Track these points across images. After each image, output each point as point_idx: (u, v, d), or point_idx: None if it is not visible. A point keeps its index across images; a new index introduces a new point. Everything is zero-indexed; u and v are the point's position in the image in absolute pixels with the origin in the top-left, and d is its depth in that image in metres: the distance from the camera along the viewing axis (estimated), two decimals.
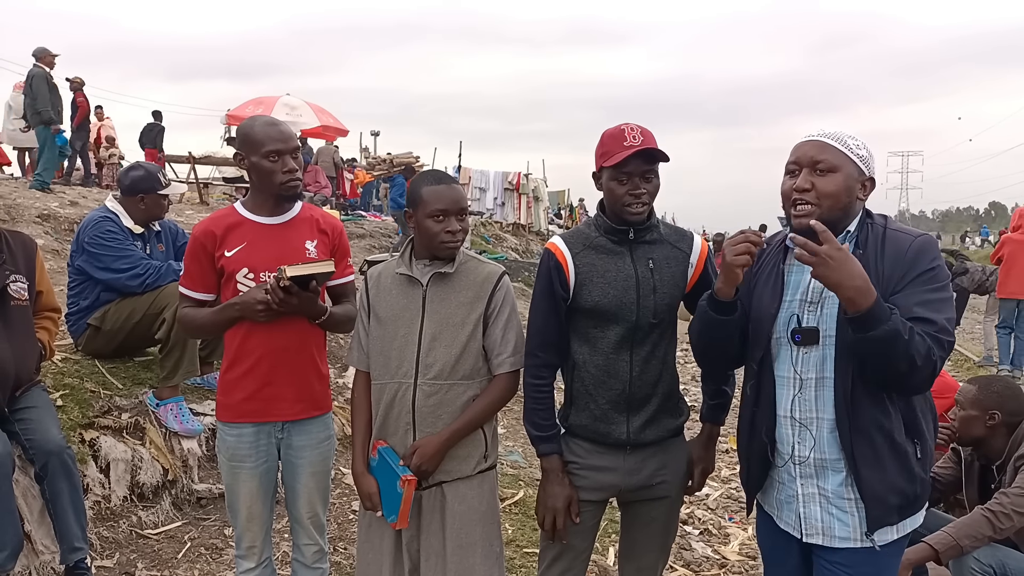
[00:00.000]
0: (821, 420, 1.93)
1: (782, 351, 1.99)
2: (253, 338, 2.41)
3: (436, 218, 2.20)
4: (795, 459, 1.98)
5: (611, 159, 2.14)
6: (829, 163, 1.87)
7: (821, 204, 1.86)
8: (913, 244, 1.87)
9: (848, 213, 1.91)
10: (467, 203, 2.29)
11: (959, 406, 2.95)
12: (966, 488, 3.03)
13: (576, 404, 2.30)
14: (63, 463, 2.91)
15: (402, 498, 2.14)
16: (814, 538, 1.97)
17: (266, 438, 2.47)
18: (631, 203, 2.17)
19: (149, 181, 3.85)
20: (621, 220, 2.22)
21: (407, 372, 2.23)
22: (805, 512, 1.98)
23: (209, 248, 2.42)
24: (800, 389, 1.95)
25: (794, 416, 1.97)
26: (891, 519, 1.91)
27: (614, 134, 2.17)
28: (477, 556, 2.25)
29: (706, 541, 4.33)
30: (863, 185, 1.91)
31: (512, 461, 5.24)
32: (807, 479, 1.97)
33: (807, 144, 1.92)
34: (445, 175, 2.33)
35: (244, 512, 2.48)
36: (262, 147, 2.38)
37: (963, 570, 2.66)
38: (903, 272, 1.84)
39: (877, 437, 1.87)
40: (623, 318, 2.21)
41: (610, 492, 2.33)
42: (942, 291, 1.83)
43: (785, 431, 2.00)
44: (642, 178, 2.16)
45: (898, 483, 1.89)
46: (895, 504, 1.90)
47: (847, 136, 1.91)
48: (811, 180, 1.87)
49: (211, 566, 3.40)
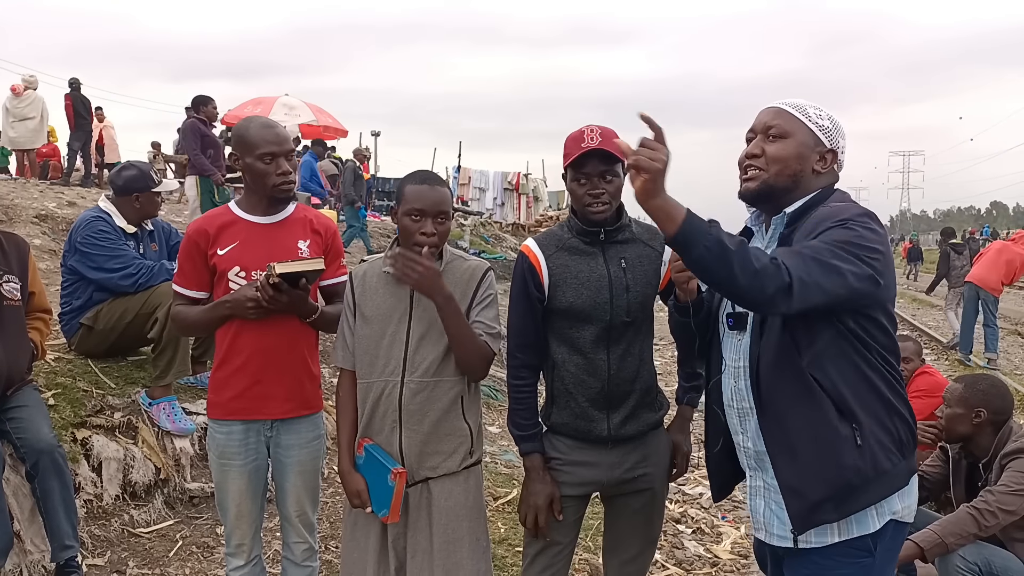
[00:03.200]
0: (748, 408, 1.84)
1: (722, 338, 1.95)
2: (244, 336, 2.42)
3: (413, 217, 2.20)
4: (742, 450, 1.91)
5: (568, 160, 2.18)
6: (780, 128, 1.81)
7: (768, 169, 1.81)
8: (822, 212, 1.75)
9: (798, 183, 1.81)
10: (450, 207, 2.27)
11: (946, 404, 2.97)
12: (953, 486, 3.04)
13: (557, 403, 2.33)
14: (54, 461, 2.93)
15: (393, 491, 2.15)
16: (759, 533, 1.89)
17: (255, 436, 2.48)
18: (591, 203, 2.20)
19: (142, 180, 3.87)
20: (589, 221, 2.25)
21: (394, 370, 2.23)
22: (752, 505, 1.90)
23: (202, 246, 2.44)
24: (732, 376, 1.89)
25: (733, 405, 1.90)
26: (824, 516, 1.72)
27: (575, 136, 2.20)
28: (464, 551, 2.26)
29: (698, 540, 4.34)
30: (822, 157, 1.82)
31: (506, 460, 5.26)
32: (754, 471, 1.89)
33: (765, 111, 1.87)
34: (432, 176, 2.32)
35: (233, 510, 2.49)
36: (257, 149, 2.40)
37: (949, 568, 2.68)
38: (805, 236, 1.72)
39: (792, 422, 1.73)
40: (598, 318, 2.24)
41: (593, 487, 2.36)
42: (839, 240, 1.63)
43: (731, 420, 1.92)
44: (601, 178, 2.18)
45: (824, 472, 1.70)
46: (821, 497, 1.70)
47: (809, 106, 1.84)
48: (761, 146, 1.83)
49: (202, 564, 3.41)
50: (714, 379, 1.98)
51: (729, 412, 1.94)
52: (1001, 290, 9.63)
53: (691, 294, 1.95)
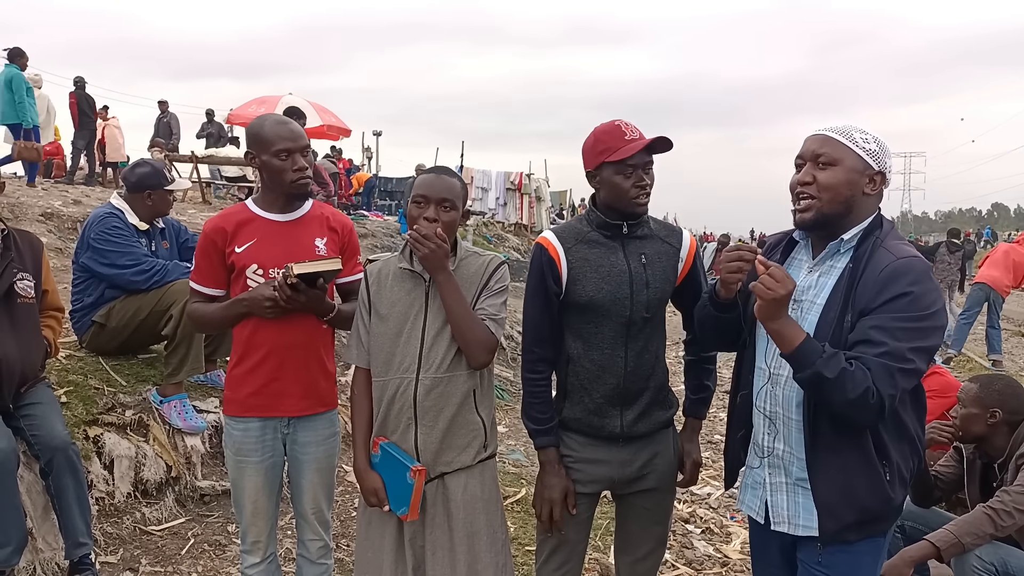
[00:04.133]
0: (788, 417, 1.95)
1: (760, 342, 2.02)
2: (261, 334, 2.42)
3: (417, 203, 2.22)
4: (764, 449, 2.01)
5: (616, 154, 2.16)
6: (829, 156, 1.87)
7: (821, 197, 1.86)
8: (888, 267, 1.80)
9: (851, 208, 1.88)
10: (457, 197, 2.24)
11: (961, 404, 2.96)
12: (968, 486, 3.04)
13: (570, 398, 2.32)
14: (68, 459, 2.93)
15: (413, 489, 2.15)
16: (781, 526, 1.99)
17: (272, 433, 2.48)
18: (637, 195, 2.20)
19: (156, 177, 3.88)
20: (620, 214, 2.24)
21: (409, 367, 2.23)
22: (772, 500, 2.00)
23: (220, 244, 2.44)
24: (771, 383, 1.98)
25: (762, 407, 2.00)
26: (847, 536, 1.89)
27: (610, 130, 2.20)
28: (483, 543, 2.26)
29: (708, 540, 4.33)
30: (871, 180, 1.88)
31: (514, 460, 5.25)
32: (775, 469, 2.00)
33: (812, 138, 1.93)
34: (443, 168, 2.32)
35: (249, 507, 2.49)
36: (272, 146, 2.40)
37: (965, 568, 2.67)
38: (872, 295, 1.80)
39: (840, 450, 1.86)
40: (617, 313, 2.23)
41: (604, 484, 2.36)
42: (908, 319, 1.74)
43: (756, 420, 2.03)
44: (644, 170, 2.19)
45: (862, 501, 1.86)
46: (851, 520, 1.87)
47: (855, 130, 1.89)
48: (812, 173, 1.88)
49: (215, 562, 3.41)
50: (747, 378, 2.07)
51: (758, 412, 2.02)
52: (1009, 292, 9.71)
53: (732, 292, 1.98)
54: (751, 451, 2.08)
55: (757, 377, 2.03)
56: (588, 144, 2.24)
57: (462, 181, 2.33)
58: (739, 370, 2.13)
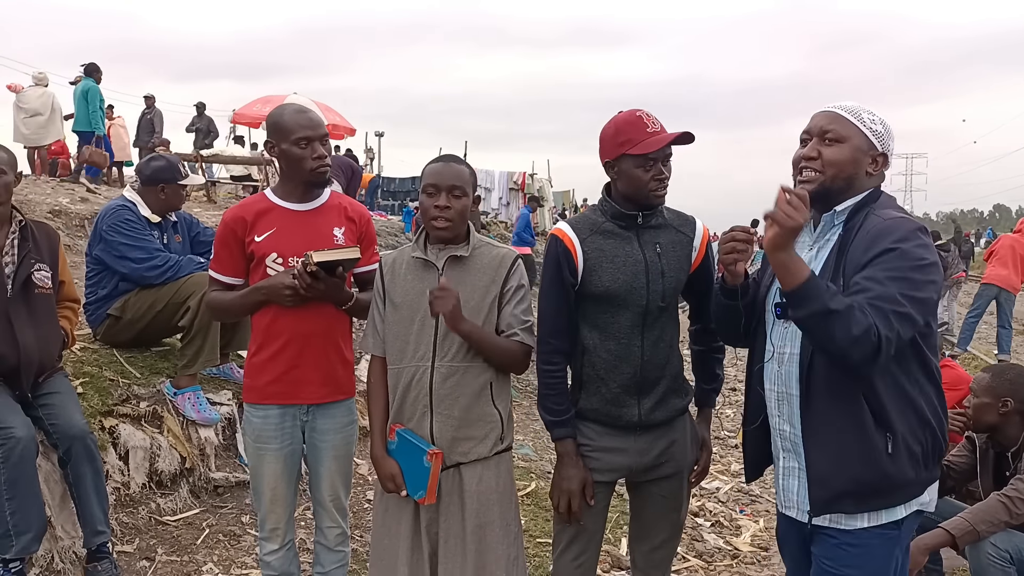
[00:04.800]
0: (791, 395, 1.95)
1: (768, 325, 2.03)
2: (280, 322, 2.44)
3: (428, 192, 2.24)
4: (779, 433, 2.02)
5: (638, 147, 2.17)
6: (837, 133, 1.89)
7: (825, 172, 1.89)
8: (874, 228, 1.83)
9: (852, 185, 1.90)
10: (468, 184, 2.26)
11: (973, 394, 2.98)
12: (981, 476, 3.05)
13: (587, 388, 2.33)
14: (86, 448, 2.95)
15: (430, 472, 2.17)
16: (790, 511, 2.00)
17: (291, 420, 2.50)
18: (656, 188, 2.21)
19: (170, 171, 3.90)
20: (635, 205, 2.25)
21: (424, 355, 2.25)
22: (784, 484, 2.02)
23: (239, 234, 2.46)
24: (777, 363, 1.99)
25: (773, 389, 2.01)
26: (842, 507, 1.87)
27: (632, 121, 2.20)
28: (495, 534, 2.28)
29: (718, 533, 4.36)
30: (874, 160, 1.92)
31: (523, 455, 5.27)
32: (788, 452, 2.01)
33: (820, 115, 1.94)
34: (451, 156, 2.35)
35: (268, 494, 2.51)
36: (292, 134, 2.42)
37: (980, 555, 2.68)
38: (860, 255, 1.81)
39: (833, 418, 1.85)
40: (634, 302, 2.25)
41: (620, 473, 2.37)
42: (896, 269, 1.75)
43: (770, 403, 2.04)
44: (663, 163, 2.21)
45: (853, 470, 1.84)
46: (843, 490, 1.85)
47: (863, 110, 1.92)
48: (818, 148, 1.90)
49: (229, 552, 3.43)
50: (758, 364, 2.06)
51: (769, 395, 2.03)
52: (1020, 288, 9.50)
53: (738, 278, 1.98)
54: (773, 440, 2.07)
55: (768, 361, 2.03)
56: (608, 134, 2.24)
57: (470, 167, 2.34)
58: (752, 361, 2.14)
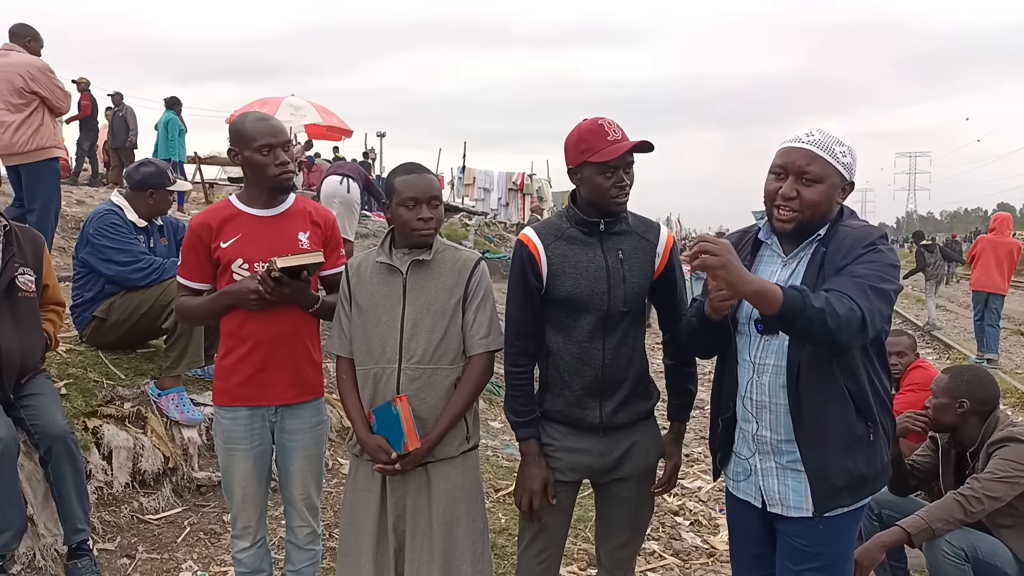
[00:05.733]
0: (776, 404, 2.05)
1: (744, 337, 2.12)
2: (248, 325, 2.50)
3: (407, 206, 2.29)
4: (753, 437, 2.11)
5: (598, 155, 2.20)
6: (816, 174, 1.96)
7: (803, 212, 1.97)
8: (849, 234, 1.98)
9: (825, 217, 2.02)
10: (439, 191, 2.36)
11: (933, 395, 3.03)
12: (943, 475, 3.10)
13: (551, 390, 2.38)
14: (67, 448, 3.01)
15: (401, 417, 2.22)
16: (775, 508, 2.10)
17: (260, 421, 2.56)
18: (617, 195, 2.24)
19: (159, 177, 3.98)
20: (598, 212, 2.29)
21: (391, 357, 2.31)
22: (764, 485, 2.12)
23: (205, 240, 2.51)
24: (756, 373, 2.07)
25: (751, 397, 2.10)
26: (841, 501, 2.02)
27: (594, 129, 2.23)
28: (461, 531, 2.34)
29: (696, 531, 4.40)
30: (843, 189, 2.02)
31: (508, 454, 5.33)
32: (765, 455, 2.11)
33: (797, 151, 1.98)
34: (417, 165, 2.40)
35: (239, 492, 2.57)
36: (254, 142, 2.47)
37: (936, 552, 2.74)
38: (842, 258, 1.93)
39: (825, 420, 1.98)
40: (595, 307, 2.29)
41: (584, 473, 2.41)
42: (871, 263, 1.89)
43: (745, 410, 2.13)
44: (625, 171, 2.24)
45: (846, 464, 1.99)
46: (842, 485, 2.00)
47: (835, 143, 1.98)
48: (796, 188, 1.97)
49: (209, 550, 3.50)
50: (730, 373, 2.17)
51: (745, 405, 2.13)
52: (1007, 289, 9.73)
53: (721, 314, 2.03)
54: (739, 441, 2.18)
55: (743, 370, 2.12)
56: (571, 141, 2.28)
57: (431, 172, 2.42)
58: (722, 367, 2.22)
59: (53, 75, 5.46)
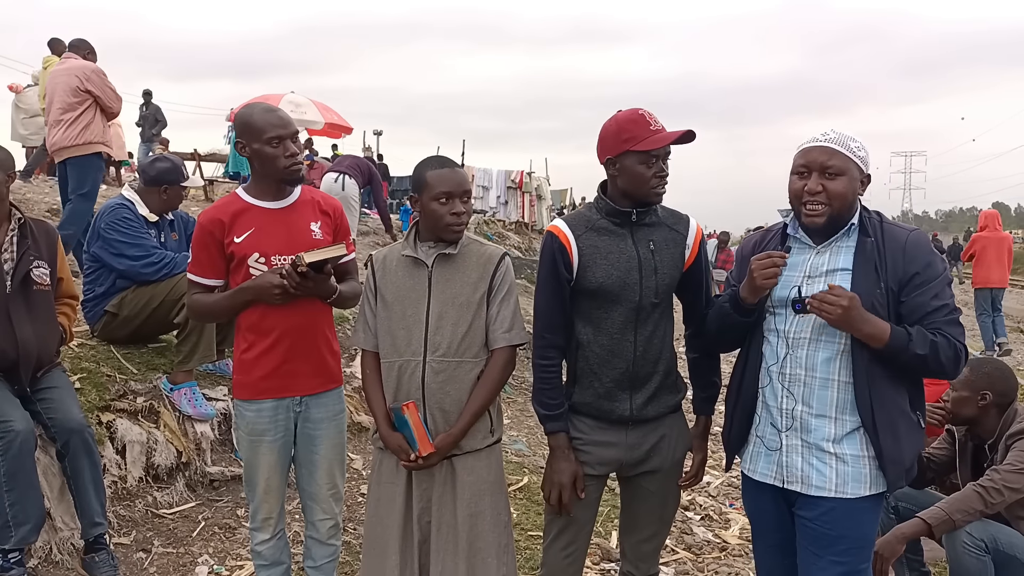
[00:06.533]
0: (812, 377, 2.13)
1: (775, 319, 2.19)
2: (269, 319, 2.49)
3: (441, 200, 2.29)
4: (782, 412, 2.16)
5: (642, 143, 2.21)
6: (838, 168, 2.08)
7: (832, 204, 2.08)
8: (908, 238, 2.12)
9: (852, 208, 2.13)
10: (471, 186, 2.39)
11: (952, 388, 3.03)
12: (960, 467, 3.11)
13: (580, 382, 2.37)
14: (84, 441, 3.01)
15: (411, 425, 2.24)
16: (794, 485, 2.15)
17: (284, 412, 2.55)
18: (657, 184, 2.26)
19: (174, 173, 3.97)
20: (633, 202, 2.29)
21: (416, 350, 2.31)
22: (787, 461, 2.17)
23: (217, 235, 2.49)
24: (791, 348, 2.15)
25: (784, 372, 2.16)
26: (901, 482, 2.15)
27: (635, 119, 2.24)
28: (486, 524, 2.34)
29: (707, 526, 4.41)
30: (862, 182, 2.14)
31: (516, 450, 5.33)
32: (792, 432, 2.15)
33: (816, 149, 2.11)
34: (448, 159, 2.41)
35: (262, 484, 2.57)
36: (264, 134, 2.44)
37: (956, 544, 2.74)
38: (905, 266, 2.07)
39: (892, 407, 2.08)
40: (627, 299, 2.29)
41: (612, 467, 2.41)
42: (940, 280, 2.09)
43: (775, 386, 2.18)
44: (664, 160, 2.27)
45: (911, 448, 2.11)
46: (907, 467, 2.11)
47: (849, 139, 2.11)
48: (822, 183, 2.08)
49: (225, 544, 3.49)
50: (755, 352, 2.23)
51: (773, 380, 2.18)
52: (1007, 280, 10.30)
53: (758, 295, 2.14)
54: (763, 422, 2.21)
55: (774, 346, 2.18)
56: (610, 131, 2.27)
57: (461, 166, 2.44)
58: (747, 350, 2.26)
59: (106, 78, 5.92)
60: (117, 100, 5.96)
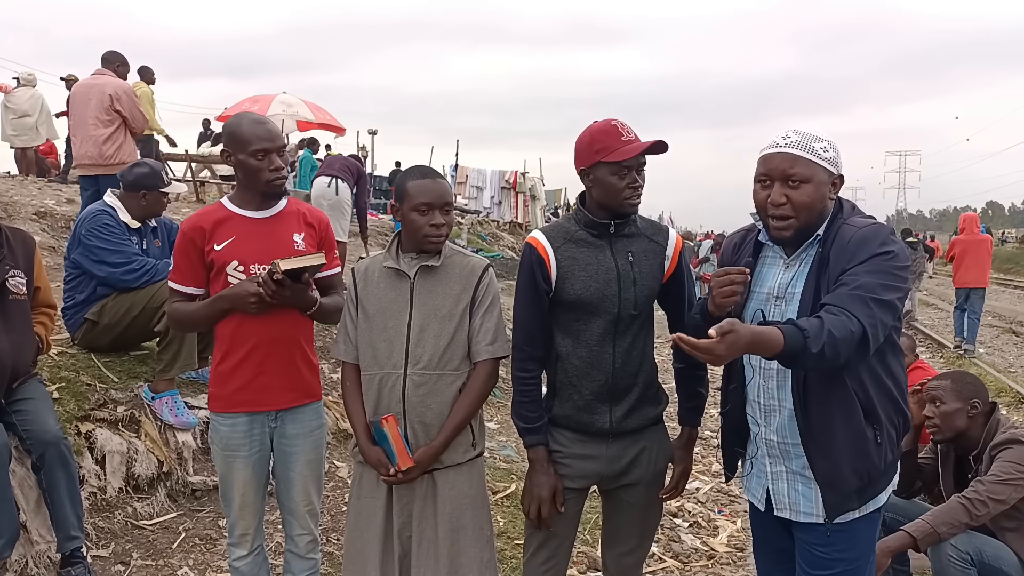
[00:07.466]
0: (782, 407, 2.03)
1: None
2: (245, 329, 2.45)
3: (420, 211, 2.26)
4: (762, 439, 2.11)
5: (613, 154, 2.18)
6: (801, 175, 1.92)
7: (798, 216, 1.93)
8: (855, 236, 1.91)
9: (822, 215, 1.97)
10: (452, 198, 2.34)
11: (937, 402, 2.97)
12: (942, 478, 3.09)
13: (560, 395, 2.35)
14: (60, 453, 2.96)
15: (390, 438, 2.21)
16: (783, 512, 2.09)
17: (259, 427, 2.51)
18: (631, 196, 2.22)
19: (152, 178, 3.92)
20: (609, 213, 2.27)
21: (396, 363, 2.28)
22: (774, 488, 2.11)
23: (198, 243, 2.46)
24: (762, 377, 2.06)
25: (758, 401, 2.08)
26: (850, 504, 1.99)
27: (607, 130, 2.21)
28: (468, 539, 2.31)
29: (695, 533, 4.39)
30: (833, 184, 1.97)
31: (505, 456, 5.30)
32: (774, 459, 2.09)
33: (778, 156, 1.95)
34: (430, 170, 2.38)
35: (238, 500, 2.53)
36: (249, 145, 2.42)
37: (941, 556, 2.72)
38: (843, 265, 1.88)
39: (832, 425, 1.94)
40: (605, 310, 2.26)
41: (592, 480, 2.38)
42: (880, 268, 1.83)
43: (753, 413, 2.12)
44: (637, 171, 2.23)
45: (856, 466, 1.95)
46: (852, 488, 1.97)
47: (814, 140, 1.94)
48: (785, 193, 1.93)
49: (205, 556, 3.45)
50: (735, 383, 2.16)
51: (753, 407, 2.11)
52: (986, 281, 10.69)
53: (723, 310, 1.99)
54: (752, 440, 2.16)
55: (747, 373, 2.10)
56: (583, 142, 2.25)
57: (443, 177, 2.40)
58: (729, 365, 2.19)
59: (137, 99, 6.44)
60: (144, 122, 6.47)
